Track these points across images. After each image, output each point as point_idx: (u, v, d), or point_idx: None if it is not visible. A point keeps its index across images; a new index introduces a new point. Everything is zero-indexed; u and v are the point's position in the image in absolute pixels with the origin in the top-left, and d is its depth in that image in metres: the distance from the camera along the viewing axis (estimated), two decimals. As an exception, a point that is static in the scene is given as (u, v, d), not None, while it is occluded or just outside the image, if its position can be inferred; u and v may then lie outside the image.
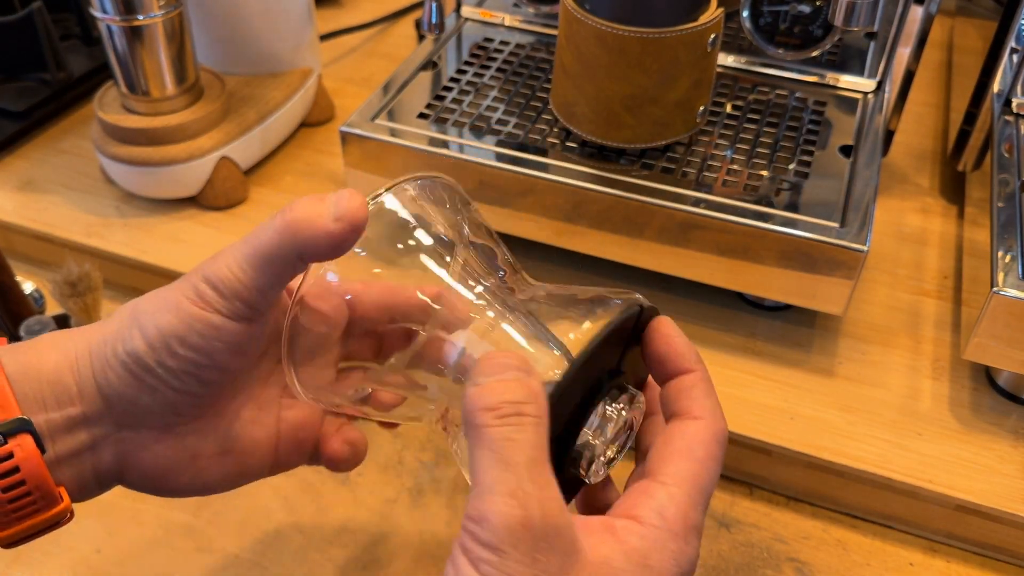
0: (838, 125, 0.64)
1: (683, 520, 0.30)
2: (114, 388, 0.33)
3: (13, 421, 0.31)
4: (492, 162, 0.59)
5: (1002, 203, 0.58)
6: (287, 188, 0.72)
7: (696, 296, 0.62)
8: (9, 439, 0.31)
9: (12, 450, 0.31)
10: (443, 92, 0.66)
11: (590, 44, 0.56)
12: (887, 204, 0.71)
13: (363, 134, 0.62)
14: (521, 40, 0.73)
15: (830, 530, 0.53)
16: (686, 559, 0.30)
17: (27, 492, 0.31)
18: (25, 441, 0.31)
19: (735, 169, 0.60)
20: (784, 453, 0.53)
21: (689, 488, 0.31)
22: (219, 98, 0.69)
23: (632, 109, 0.57)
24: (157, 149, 0.66)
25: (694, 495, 0.31)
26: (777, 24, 0.65)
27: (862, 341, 0.60)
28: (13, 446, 0.31)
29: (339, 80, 0.85)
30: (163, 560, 0.51)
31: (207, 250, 0.65)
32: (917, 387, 0.57)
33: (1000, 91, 0.66)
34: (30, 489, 0.31)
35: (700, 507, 0.31)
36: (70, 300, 0.57)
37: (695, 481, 0.31)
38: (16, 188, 0.72)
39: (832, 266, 0.54)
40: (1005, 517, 0.50)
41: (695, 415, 0.33)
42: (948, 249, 0.68)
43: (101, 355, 0.33)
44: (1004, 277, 0.52)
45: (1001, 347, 0.52)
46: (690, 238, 0.57)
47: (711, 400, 0.33)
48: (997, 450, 0.53)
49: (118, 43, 0.63)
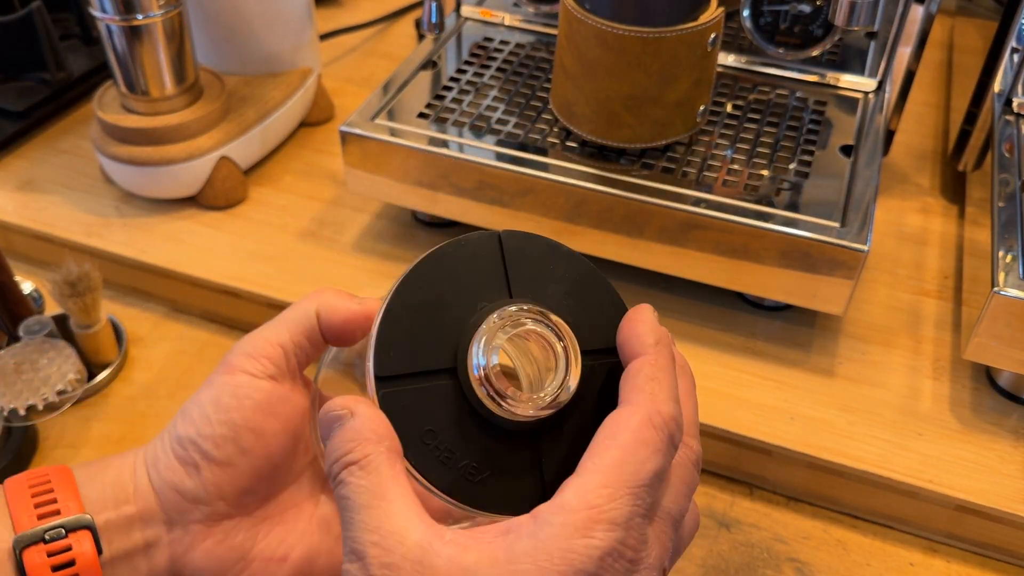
0: (838, 125, 0.64)
1: (587, 511, 0.27)
2: (162, 477, 0.35)
3: (76, 518, 0.33)
4: (492, 162, 0.59)
5: (1003, 203, 0.58)
6: (287, 188, 0.72)
7: (696, 296, 0.62)
8: (70, 533, 0.33)
9: (71, 543, 0.33)
10: (443, 92, 0.66)
11: (590, 44, 0.56)
12: (887, 204, 0.71)
13: (363, 134, 0.62)
14: (521, 40, 0.73)
15: (830, 530, 0.53)
16: (585, 556, 0.26)
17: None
18: (83, 537, 0.33)
19: (735, 169, 0.59)
20: (784, 453, 0.53)
21: (604, 477, 0.27)
22: (219, 98, 0.69)
23: (632, 109, 0.57)
24: (156, 149, 0.66)
25: (610, 483, 0.27)
26: (777, 24, 0.65)
27: (862, 341, 0.60)
28: (72, 540, 0.33)
29: (339, 80, 0.85)
30: (163, 560, 0.51)
31: (207, 250, 0.65)
32: (917, 387, 0.57)
33: (1001, 91, 0.66)
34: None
35: (620, 497, 0.27)
36: (69, 300, 0.57)
37: (615, 469, 0.28)
38: (16, 188, 0.72)
39: (832, 266, 0.54)
40: (1005, 517, 0.50)
41: (627, 400, 0.29)
42: (949, 249, 0.67)
43: (152, 450, 0.36)
44: (1005, 277, 0.52)
45: (1001, 347, 0.52)
46: (690, 238, 0.57)
47: (653, 384, 0.29)
48: (997, 450, 0.53)
49: (117, 43, 0.63)
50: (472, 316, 0.30)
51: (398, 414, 0.29)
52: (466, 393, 0.30)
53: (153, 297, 0.67)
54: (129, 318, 0.65)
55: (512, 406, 0.29)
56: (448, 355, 0.30)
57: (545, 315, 0.30)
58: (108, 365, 0.60)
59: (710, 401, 0.55)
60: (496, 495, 0.30)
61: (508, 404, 0.29)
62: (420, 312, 0.30)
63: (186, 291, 0.65)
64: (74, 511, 0.33)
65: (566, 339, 0.30)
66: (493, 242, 0.32)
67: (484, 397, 0.29)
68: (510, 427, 0.30)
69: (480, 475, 0.30)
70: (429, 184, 0.61)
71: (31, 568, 0.32)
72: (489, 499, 0.29)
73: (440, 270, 0.31)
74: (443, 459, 0.29)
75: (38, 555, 0.32)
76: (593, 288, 0.33)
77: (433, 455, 0.29)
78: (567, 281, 0.32)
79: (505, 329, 0.30)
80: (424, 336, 0.30)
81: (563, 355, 0.30)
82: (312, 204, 0.70)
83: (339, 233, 0.68)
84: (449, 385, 0.30)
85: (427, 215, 0.68)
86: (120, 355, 0.61)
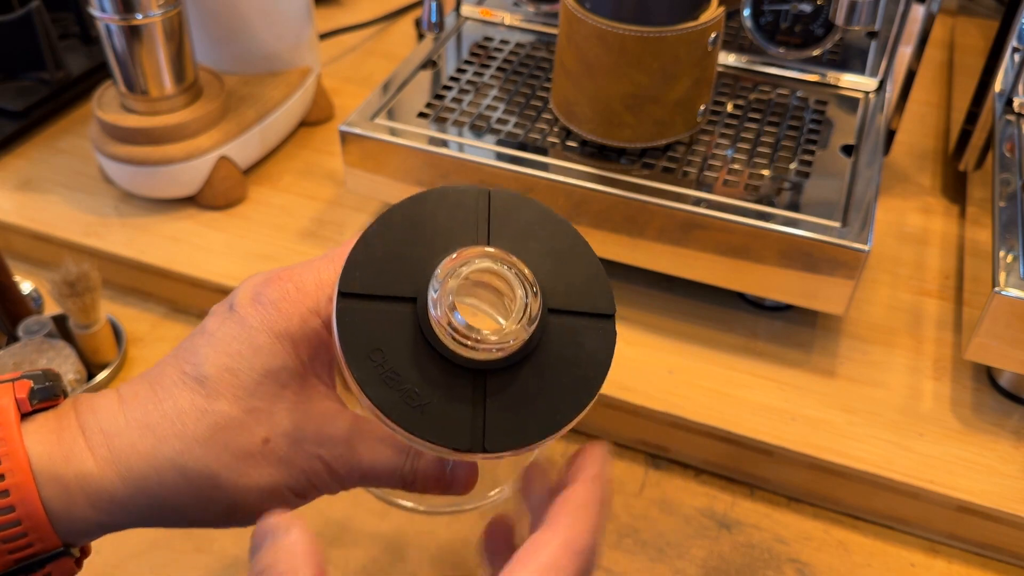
0: (839, 124, 0.64)
1: None
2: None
3: (53, 553, 0.32)
4: (492, 161, 0.59)
5: (1004, 203, 0.58)
6: (286, 187, 0.72)
7: (696, 296, 0.62)
8: (47, 564, 0.32)
9: (50, 571, 0.32)
10: (443, 91, 0.66)
11: (591, 43, 0.55)
12: (888, 204, 0.71)
13: (362, 133, 0.61)
14: (521, 39, 0.73)
15: (831, 531, 0.53)
16: None
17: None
18: (64, 563, 0.32)
19: (736, 169, 0.59)
20: (785, 454, 0.53)
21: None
22: (218, 97, 0.69)
23: (633, 108, 0.57)
24: (156, 148, 0.66)
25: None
26: (778, 23, 0.65)
27: (863, 341, 0.60)
28: (51, 568, 0.32)
29: (338, 79, 0.85)
30: (163, 560, 0.51)
31: (206, 250, 0.65)
32: (918, 387, 0.57)
33: (1002, 90, 0.66)
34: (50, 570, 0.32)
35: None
36: (68, 300, 0.57)
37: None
38: (15, 188, 0.72)
39: (833, 266, 0.54)
40: (1006, 518, 0.50)
41: (552, 522, 0.30)
42: (949, 249, 0.67)
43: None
44: (1006, 277, 0.52)
45: (1002, 347, 0.52)
46: (691, 238, 0.56)
47: (581, 511, 0.30)
48: (998, 450, 0.53)
49: (117, 42, 0.63)
50: (443, 256, 0.31)
51: (350, 328, 0.30)
52: (421, 323, 0.30)
53: (152, 297, 0.67)
54: (128, 318, 0.65)
55: (462, 341, 0.29)
56: (412, 287, 0.31)
57: (515, 264, 0.30)
58: (107, 365, 0.60)
59: (710, 401, 0.55)
60: (433, 424, 0.30)
61: (459, 338, 0.29)
62: (394, 243, 0.31)
63: (185, 291, 0.65)
64: (50, 545, 0.32)
65: (528, 289, 0.30)
66: (483, 197, 0.33)
67: (437, 327, 0.30)
68: (460, 362, 0.30)
69: (420, 401, 0.30)
70: (429, 184, 0.61)
71: None
72: (425, 426, 0.30)
73: (423, 211, 0.32)
74: (386, 378, 0.30)
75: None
76: (574, 253, 0.33)
77: (377, 372, 0.30)
78: (548, 242, 0.33)
79: (471, 263, 0.30)
80: (392, 265, 0.31)
81: (523, 302, 0.30)
82: (312, 204, 0.70)
83: (339, 233, 0.67)
84: (407, 312, 0.30)
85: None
86: (119, 355, 0.61)
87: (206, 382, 0.32)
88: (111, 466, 0.31)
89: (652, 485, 0.55)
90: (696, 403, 0.55)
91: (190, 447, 0.31)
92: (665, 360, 0.58)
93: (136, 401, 0.32)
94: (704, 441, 0.55)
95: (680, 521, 0.53)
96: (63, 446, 0.31)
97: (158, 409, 0.32)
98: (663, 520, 0.53)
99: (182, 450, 0.31)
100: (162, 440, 0.31)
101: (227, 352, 0.32)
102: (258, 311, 0.32)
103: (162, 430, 0.32)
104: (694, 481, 0.56)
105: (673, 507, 0.54)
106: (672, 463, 0.57)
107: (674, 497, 0.55)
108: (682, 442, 0.55)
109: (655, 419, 0.55)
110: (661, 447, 0.56)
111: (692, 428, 0.54)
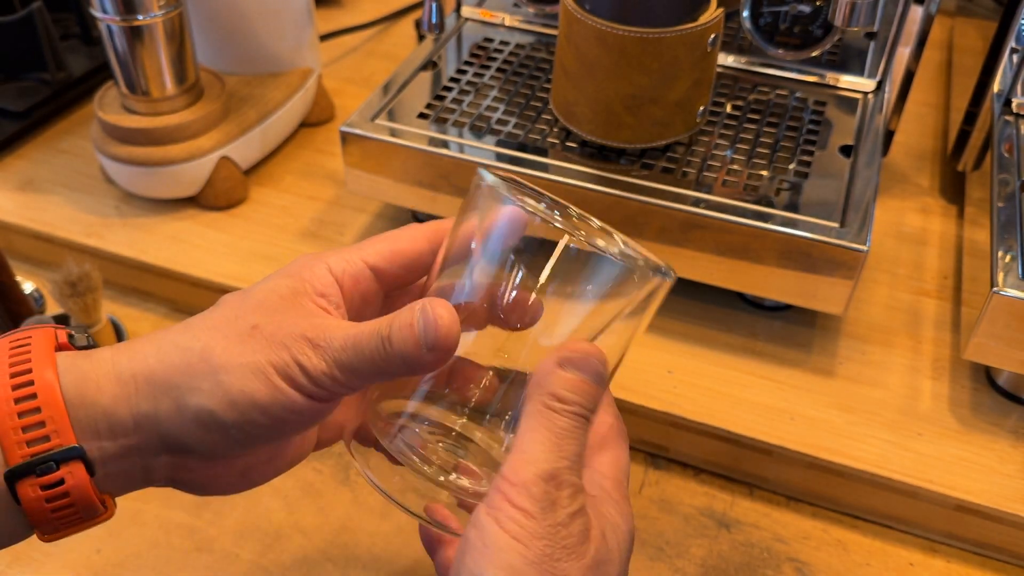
0: (838, 125, 0.64)
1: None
2: (175, 435, 0.33)
3: (68, 449, 0.32)
4: (492, 162, 0.59)
5: (1002, 203, 0.58)
6: (287, 188, 0.72)
7: (696, 296, 0.62)
8: (62, 466, 0.32)
9: (64, 476, 0.32)
10: (443, 92, 0.66)
11: (590, 44, 0.56)
12: (887, 204, 0.71)
13: (363, 134, 0.62)
14: (521, 40, 0.73)
15: (830, 530, 0.53)
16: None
17: (75, 512, 0.33)
18: (77, 469, 0.32)
19: (735, 169, 0.60)
20: (784, 453, 0.53)
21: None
22: (219, 98, 0.69)
23: (632, 109, 0.57)
24: (157, 149, 0.66)
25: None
26: (777, 24, 0.66)
27: (862, 341, 0.60)
28: (64, 473, 0.32)
29: (339, 80, 0.85)
30: (163, 560, 0.51)
31: (207, 250, 0.65)
32: (917, 387, 0.57)
33: (1000, 91, 0.66)
34: (78, 509, 0.33)
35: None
36: (70, 300, 0.57)
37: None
38: (16, 188, 0.72)
39: (832, 266, 0.54)
40: (1005, 517, 0.50)
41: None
42: (948, 249, 0.68)
43: (167, 399, 0.33)
44: (1004, 277, 0.52)
45: (1001, 347, 0.52)
46: (690, 238, 0.57)
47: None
48: (997, 450, 0.53)
49: (118, 43, 0.63)
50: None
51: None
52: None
53: (153, 297, 0.67)
54: (129, 318, 0.65)
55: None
56: None
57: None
58: (108, 365, 0.60)
59: (710, 401, 0.55)
60: None
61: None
62: None
63: (186, 291, 0.65)
64: (68, 440, 0.32)
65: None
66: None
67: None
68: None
69: None
70: (429, 184, 0.62)
71: (26, 501, 0.32)
72: None
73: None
74: None
75: (32, 489, 0.32)
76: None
77: None
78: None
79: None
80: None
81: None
82: (312, 204, 0.70)
83: (339, 233, 0.68)
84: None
85: (427, 215, 0.68)
86: (120, 355, 0.61)
87: (218, 305, 0.35)
88: (121, 352, 0.34)
89: (651, 484, 0.55)
90: (695, 403, 0.55)
91: (189, 329, 0.34)
92: (665, 360, 0.58)
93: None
94: (703, 440, 0.55)
95: (679, 520, 0.53)
96: (83, 353, 0.34)
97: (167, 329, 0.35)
98: (662, 519, 0.53)
99: (182, 330, 0.34)
100: (168, 331, 0.34)
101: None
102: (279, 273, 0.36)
103: (170, 331, 0.35)
104: (693, 480, 0.56)
105: (672, 506, 0.54)
106: (671, 462, 0.57)
107: (673, 496, 0.55)
108: (681, 441, 0.56)
109: (654, 418, 0.55)
110: (660, 446, 0.57)
111: (691, 427, 0.54)
